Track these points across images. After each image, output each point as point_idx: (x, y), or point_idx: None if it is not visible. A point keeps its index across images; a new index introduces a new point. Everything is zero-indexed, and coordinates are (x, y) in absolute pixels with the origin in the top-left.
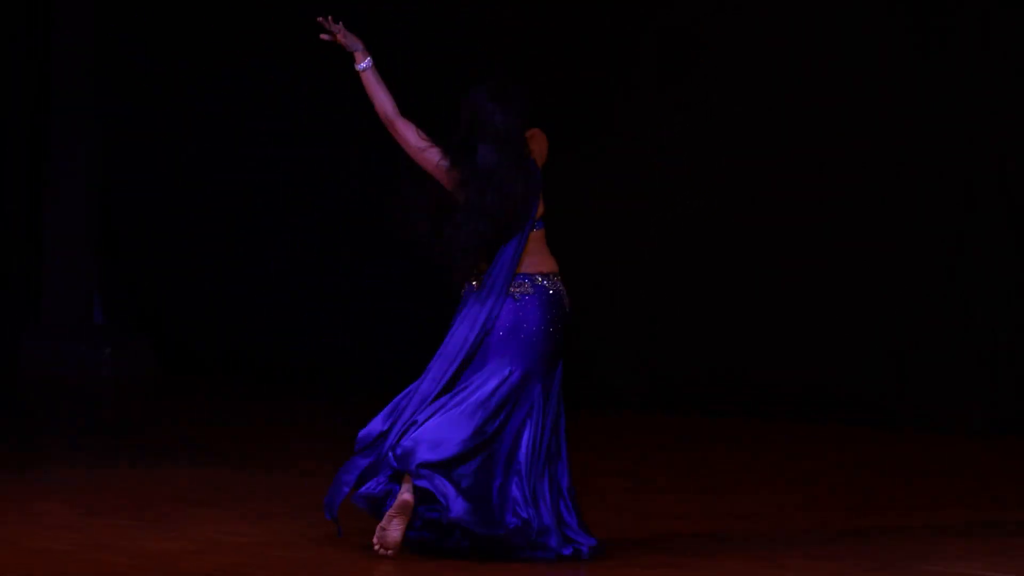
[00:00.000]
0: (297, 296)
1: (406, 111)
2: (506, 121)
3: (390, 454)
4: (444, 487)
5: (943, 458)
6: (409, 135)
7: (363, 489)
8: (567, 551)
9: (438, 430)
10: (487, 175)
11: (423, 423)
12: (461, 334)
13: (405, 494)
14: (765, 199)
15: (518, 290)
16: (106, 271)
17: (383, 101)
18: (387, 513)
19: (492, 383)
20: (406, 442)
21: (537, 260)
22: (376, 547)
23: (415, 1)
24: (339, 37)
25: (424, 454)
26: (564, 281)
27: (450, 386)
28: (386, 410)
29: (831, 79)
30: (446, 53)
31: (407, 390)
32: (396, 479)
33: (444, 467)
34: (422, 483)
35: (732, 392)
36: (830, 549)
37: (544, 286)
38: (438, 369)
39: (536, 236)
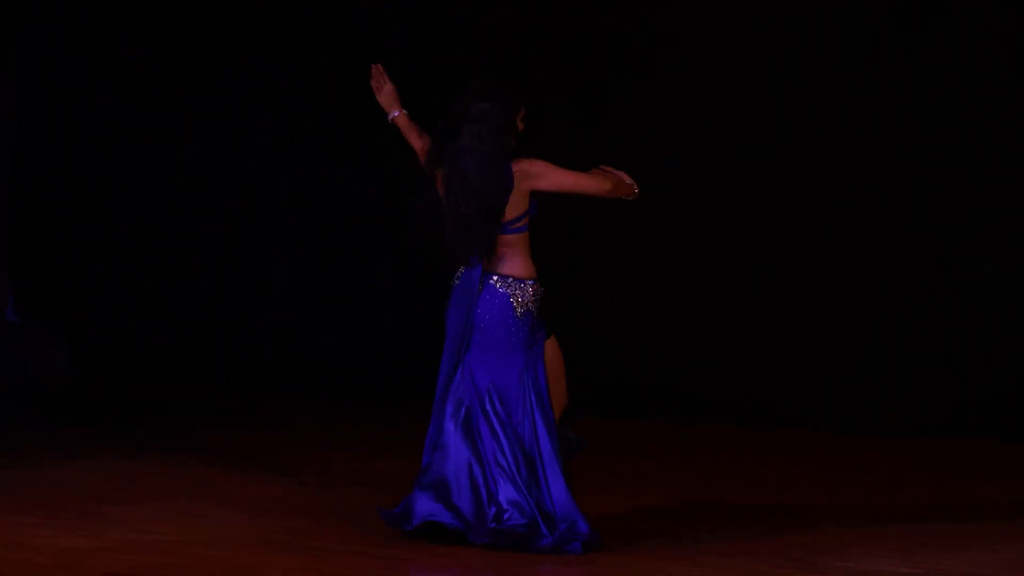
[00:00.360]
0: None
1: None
2: (485, 107)
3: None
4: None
5: (858, 457)
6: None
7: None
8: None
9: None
10: (457, 157)
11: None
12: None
13: None
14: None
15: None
16: (23, 271)
17: (415, 142)
18: None
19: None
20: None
21: (499, 262)
22: None
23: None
24: (383, 94)
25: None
26: (542, 288)
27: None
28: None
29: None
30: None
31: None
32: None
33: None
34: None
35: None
36: (744, 545)
37: (493, 285)
38: (440, 388)
39: (508, 240)
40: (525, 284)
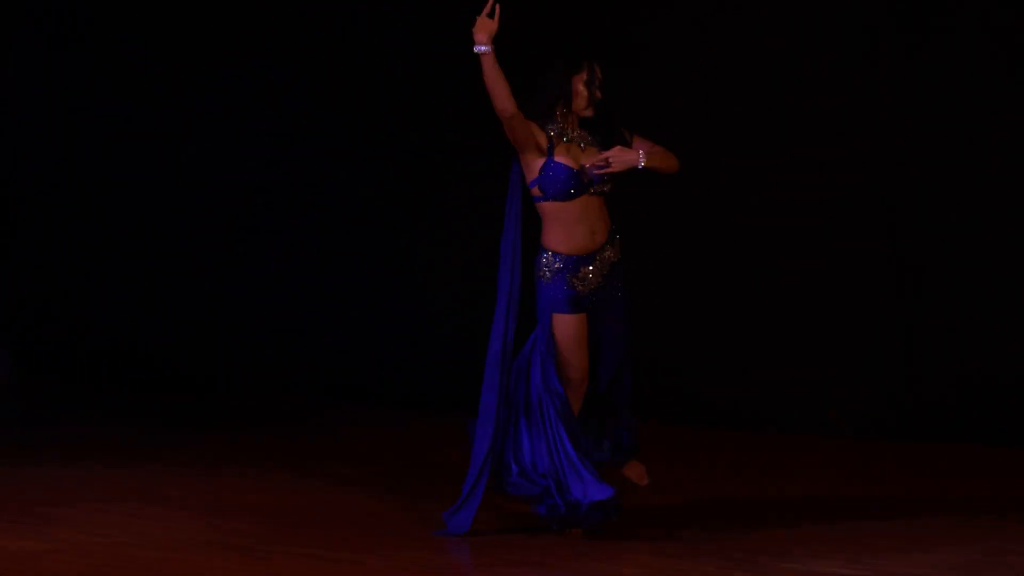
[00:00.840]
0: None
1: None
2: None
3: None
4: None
5: (804, 459)
6: None
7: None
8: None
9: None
10: None
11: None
12: None
13: None
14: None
15: None
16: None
17: (502, 81)
18: None
19: None
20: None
21: None
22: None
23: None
24: (485, 26)
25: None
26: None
27: None
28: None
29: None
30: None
31: None
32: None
33: None
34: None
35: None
36: (689, 546)
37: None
38: None
39: (539, 209)
40: (540, 254)
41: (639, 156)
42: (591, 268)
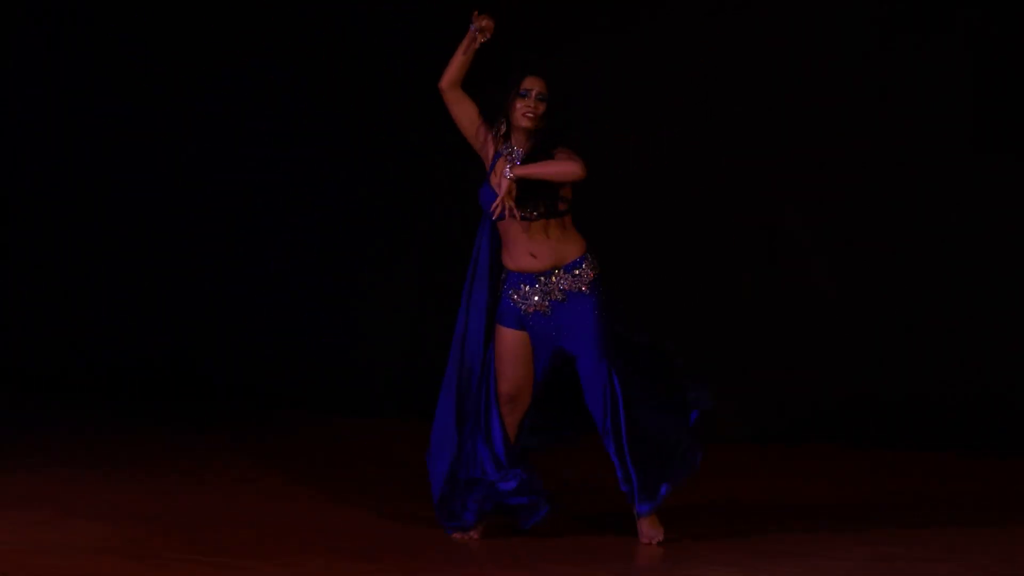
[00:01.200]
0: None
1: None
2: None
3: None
4: None
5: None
6: None
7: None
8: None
9: None
10: None
11: None
12: None
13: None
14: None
15: None
16: None
17: (459, 63)
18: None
19: None
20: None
21: None
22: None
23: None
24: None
25: None
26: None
27: None
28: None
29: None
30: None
31: None
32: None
33: None
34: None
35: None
36: (584, 555)
37: None
38: None
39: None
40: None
41: (507, 171)
42: (529, 288)
